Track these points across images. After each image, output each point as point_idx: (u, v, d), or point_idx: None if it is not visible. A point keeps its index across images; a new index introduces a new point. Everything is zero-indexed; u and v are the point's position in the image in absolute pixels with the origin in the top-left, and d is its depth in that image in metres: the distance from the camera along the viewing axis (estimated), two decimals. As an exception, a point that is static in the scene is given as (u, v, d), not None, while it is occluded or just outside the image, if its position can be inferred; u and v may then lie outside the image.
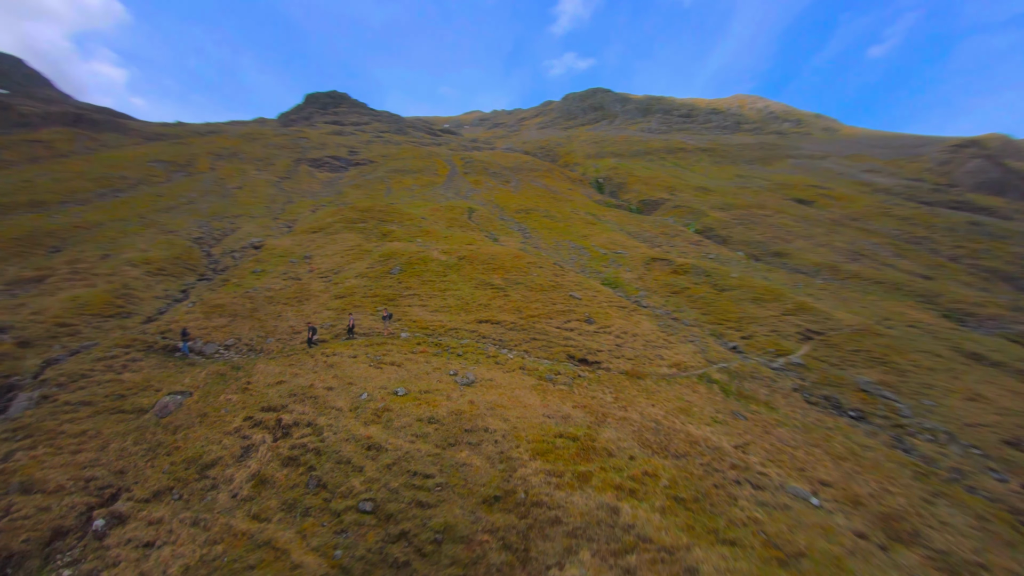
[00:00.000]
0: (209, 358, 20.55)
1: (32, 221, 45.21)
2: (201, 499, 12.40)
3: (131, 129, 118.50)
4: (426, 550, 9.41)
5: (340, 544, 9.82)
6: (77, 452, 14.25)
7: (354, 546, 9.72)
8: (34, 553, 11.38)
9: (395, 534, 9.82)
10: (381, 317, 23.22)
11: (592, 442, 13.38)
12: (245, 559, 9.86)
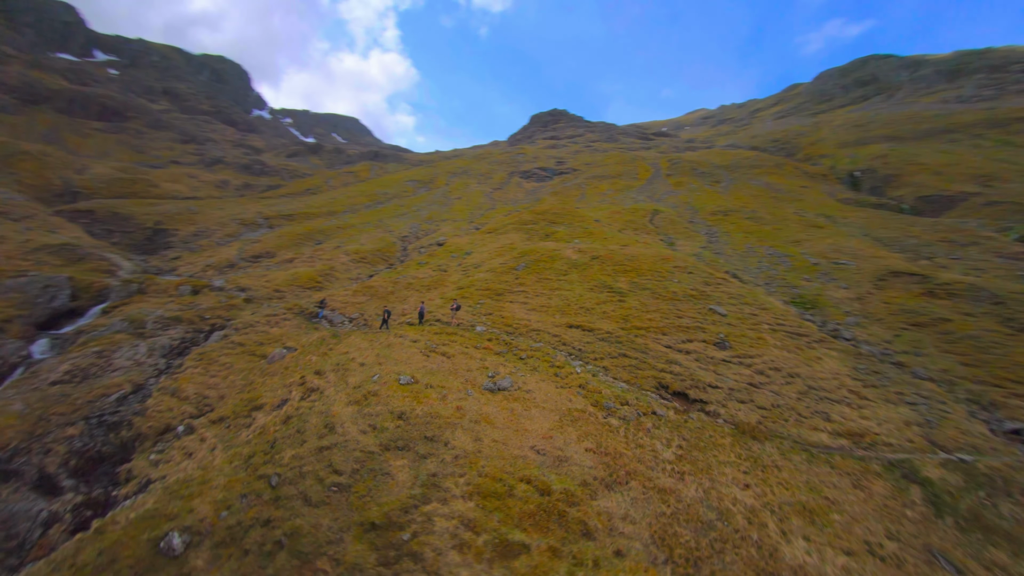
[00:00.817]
0: (333, 325, 24.34)
1: (320, 223, 64.52)
2: (235, 433, 14.36)
3: (406, 159, 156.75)
4: (264, 550, 8.05)
5: (234, 506, 9.47)
6: (212, 376, 18.81)
7: (239, 512, 9.21)
8: (151, 437, 15.35)
9: (263, 519, 8.82)
10: (450, 308, 22.75)
11: (570, 506, 9.17)
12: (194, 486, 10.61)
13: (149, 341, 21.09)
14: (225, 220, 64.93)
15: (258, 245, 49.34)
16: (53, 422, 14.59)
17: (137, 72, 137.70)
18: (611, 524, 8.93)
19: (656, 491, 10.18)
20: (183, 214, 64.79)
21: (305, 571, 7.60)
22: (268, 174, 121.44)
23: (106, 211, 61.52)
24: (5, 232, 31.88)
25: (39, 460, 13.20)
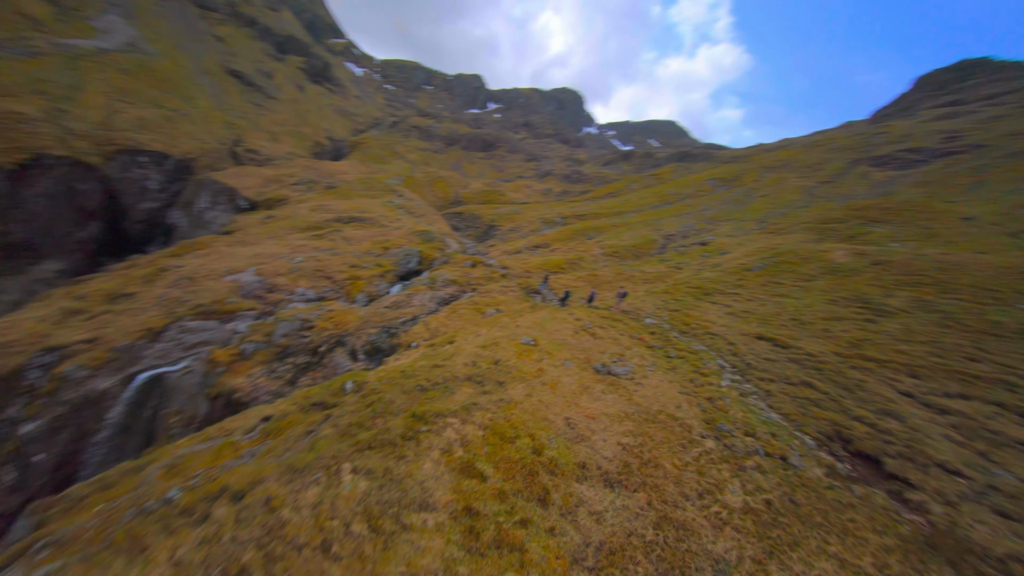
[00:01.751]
0: (543, 300, 28.43)
1: (600, 222, 71.08)
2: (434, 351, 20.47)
3: (715, 157, 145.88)
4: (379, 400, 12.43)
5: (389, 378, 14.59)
6: (449, 320, 26.39)
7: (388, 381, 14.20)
8: (403, 345, 23.76)
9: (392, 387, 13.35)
10: (616, 295, 21.85)
11: (548, 472, 9.23)
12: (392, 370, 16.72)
13: (433, 292, 31.43)
14: (533, 219, 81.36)
15: (542, 237, 60.29)
16: (368, 324, 25.00)
17: (510, 112, 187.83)
18: (573, 508, 8.44)
19: (661, 517, 8.41)
20: (509, 214, 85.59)
21: (376, 420, 11.45)
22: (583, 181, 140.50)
23: (468, 212, 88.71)
24: (406, 223, 53.20)
25: (353, 341, 23.30)
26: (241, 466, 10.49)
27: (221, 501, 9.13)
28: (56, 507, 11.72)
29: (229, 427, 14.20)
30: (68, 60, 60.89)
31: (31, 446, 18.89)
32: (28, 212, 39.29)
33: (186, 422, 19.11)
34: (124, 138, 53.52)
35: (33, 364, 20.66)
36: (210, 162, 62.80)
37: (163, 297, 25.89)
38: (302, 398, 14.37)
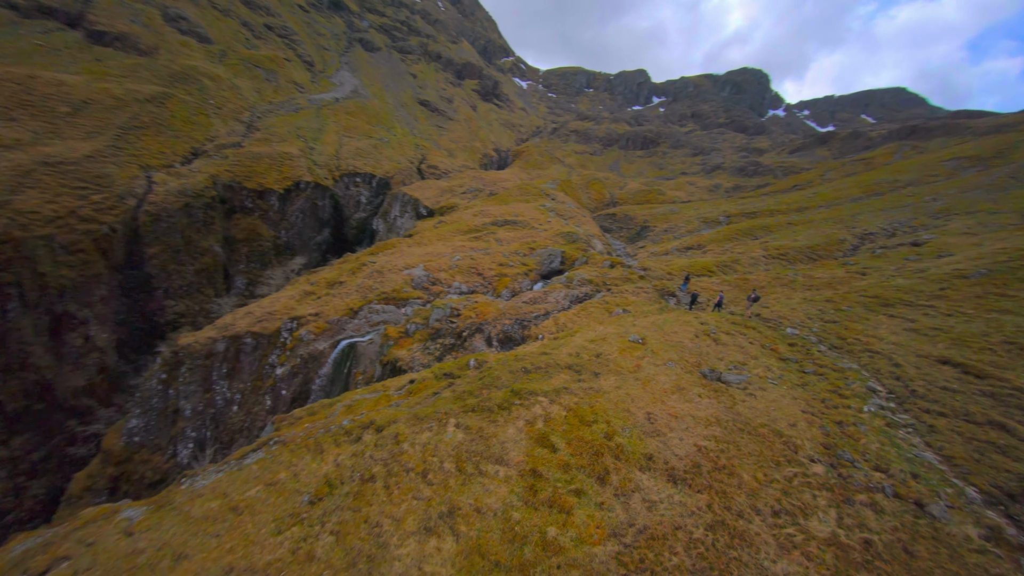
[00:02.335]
0: (679, 303, 27.12)
1: (772, 220, 61.87)
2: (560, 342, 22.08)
3: (965, 129, 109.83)
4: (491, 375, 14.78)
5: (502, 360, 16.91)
6: (577, 316, 27.54)
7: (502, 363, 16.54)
8: (532, 337, 26.02)
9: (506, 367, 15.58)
10: (747, 298, 19.13)
11: (613, 457, 9.83)
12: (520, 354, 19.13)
13: (568, 291, 32.95)
14: (691, 218, 75.53)
15: (697, 238, 55.73)
16: (505, 315, 28.01)
17: (675, 105, 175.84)
18: (628, 492, 8.91)
19: (718, 521, 8.16)
20: (665, 214, 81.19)
21: (483, 391, 13.67)
22: (760, 174, 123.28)
23: (622, 214, 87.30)
24: (555, 225, 55.97)
25: (490, 330, 26.52)
26: (386, 410, 13.93)
27: (369, 431, 12.47)
28: (285, 422, 17.34)
29: (388, 385, 18.43)
30: (316, 110, 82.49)
31: (280, 383, 27.44)
32: (290, 223, 55.22)
33: (367, 380, 25.03)
34: (347, 165, 70.01)
35: (284, 328, 29.85)
36: (402, 178, 76.98)
37: (361, 285, 33.88)
38: (437, 369, 17.66)
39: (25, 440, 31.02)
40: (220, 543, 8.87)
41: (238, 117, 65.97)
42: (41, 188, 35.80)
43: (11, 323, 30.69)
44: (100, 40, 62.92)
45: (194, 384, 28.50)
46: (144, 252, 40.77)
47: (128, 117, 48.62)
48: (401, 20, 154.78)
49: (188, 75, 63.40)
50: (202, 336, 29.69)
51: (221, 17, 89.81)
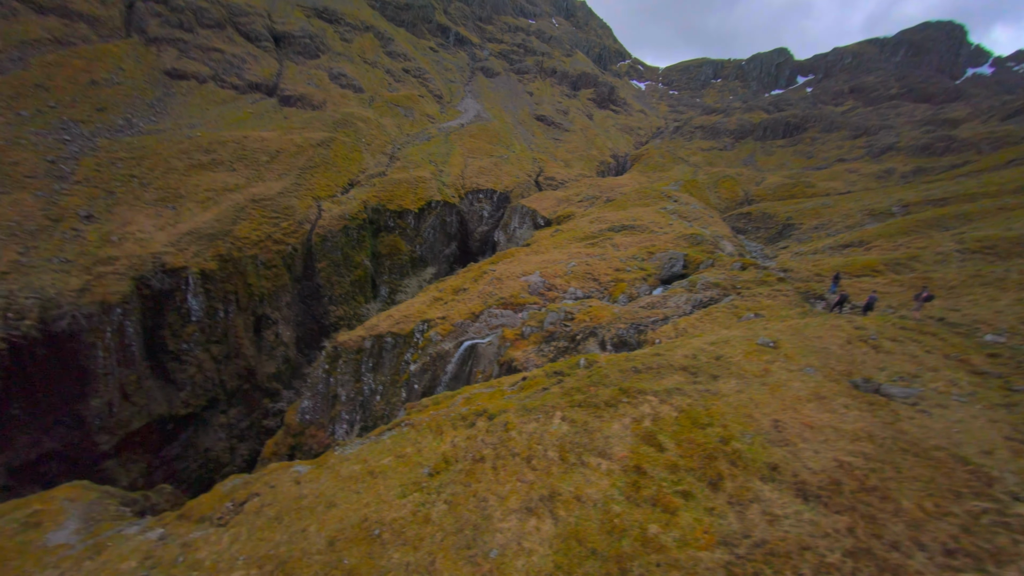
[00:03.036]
0: (827, 307, 23.11)
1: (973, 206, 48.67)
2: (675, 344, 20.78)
3: None
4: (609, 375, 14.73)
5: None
6: (700, 321, 25.38)
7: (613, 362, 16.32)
8: (649, 342, 24.85)
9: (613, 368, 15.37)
10: (914, 298, 14.86)
11: (728, 463, 8.91)
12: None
13: (690, 295, 30.56)
14: (851, 211, 63.84)
15: (859, 234, 46.58)
16: (620, 319, 27.21)
17: (827, 82, 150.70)
18: (745, 502, 7.96)
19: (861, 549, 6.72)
20: (815, 209, 69.97)
21: (591, 388, 13.63)
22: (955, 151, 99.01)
23: (759, 212, 77.91)
24: (676, 228, 52.47)
25: (604, 333, 26.03)
26: (499, 401, 14.78)
27: (482, 418, 13.40)
28: (414, 408, 19.52)
29: (502, 381, 19.46)
30: (444, 137, 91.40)
31: (413, 378, 30.87)
32: (423, 238, 61.94)
33: (486, 378, 26.67)
34: (471, 183, 75.98)
35: (417, 329, 33.60)
36: (521, 192, 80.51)
37: (482, 292, 36.38)
38: (548, 367, 18.07)
39: (237, 411, 40.56)
40: (359, 498, 10.49)
41: (383, 150, 76.92)
42: (250, 220, 46.64)
43: (230, 321, 40.49)
44: (287, 102, 79.74)
45: (348, 375, 33.79)
46: (315, 267, 49.99)
47: (305, 160, 60.49)
48: (518, 43, 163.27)
49: (347, 120, 76.28)
50: (354, 335, 35.12)
51: (370, 69, 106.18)
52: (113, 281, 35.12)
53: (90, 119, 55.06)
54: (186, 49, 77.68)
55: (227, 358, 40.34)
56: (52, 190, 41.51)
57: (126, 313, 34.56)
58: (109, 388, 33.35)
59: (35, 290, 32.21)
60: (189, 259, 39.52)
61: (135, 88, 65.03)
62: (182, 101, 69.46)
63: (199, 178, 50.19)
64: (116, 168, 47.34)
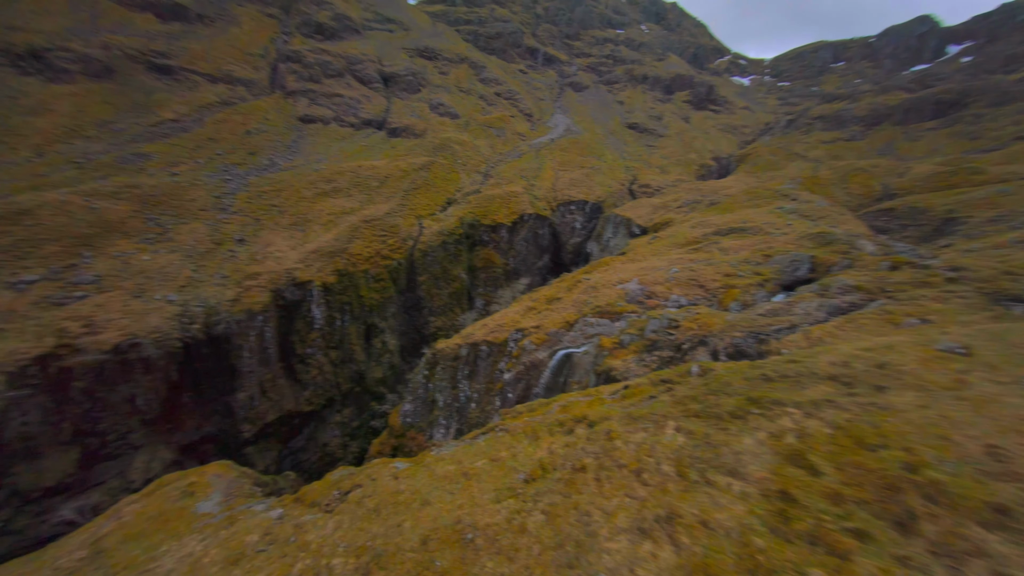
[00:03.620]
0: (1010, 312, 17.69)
1: None
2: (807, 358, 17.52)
3: None
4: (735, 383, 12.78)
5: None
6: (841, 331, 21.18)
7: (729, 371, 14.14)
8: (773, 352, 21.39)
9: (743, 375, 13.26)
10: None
11: (923, 497, 6.63)
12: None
13: (823, 300, 25.92)
14: (1047, 197, 50.37)
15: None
16: (735, 327, 24.02)
17: (993, 47, 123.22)
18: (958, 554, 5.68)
19: None
20: (988, 199, 56.57)
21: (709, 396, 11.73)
22: None
23: (905, 207, 65.45)
24: (796, 228, 45.85)
25: (716, 342, 23.07)
26: (599, 408, 13.49)
27: (581, 425, 12.26)
28: (509, 415, 18.95)
29: (601, 390, 18.04)
30: (535, 153, 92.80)
31: (507, 387, 30.58)
32: (516, 251, 62.76)
33: (581, 388, 25.27)
34: (562, 195, 75.64)
35: (511, 338, 33.46)
36: (613, 201, 78.03)
37: (576, 301, 35.18)
38: (654, 375, 16.27)
39: (350, 412, 44.28)
40: (453, 499, 10.02)
41: (477, 169, 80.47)
42: (363, 238, 51.48)
43: (345, 329, 44.64)
44: (394, 133, 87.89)
45: (445, 381, 34.76)
46: (417, 280, 53.27)
47: (409, 183, 65.57)
48: (606, 55, 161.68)
49: (444, 145, 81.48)
50: (451, 343, 36.19)
51: (465, 96, 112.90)
52: (257, 293, 40.96)
53: (244, 162, 66.29)
54: (315, 97, 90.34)
55: (342, 362, 44.40)
56: (216, 220, 50.31)
57: (265, 320, 39.95)
58: (251, 384, 38.63)
59: (202, 300, 38.85)
60: (314, 274, 44.65)
61: (277, 134, 77.04)
62: (311, 141, 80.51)
63: (323, 204, 57.05)
64: (261, 199, 55.93)
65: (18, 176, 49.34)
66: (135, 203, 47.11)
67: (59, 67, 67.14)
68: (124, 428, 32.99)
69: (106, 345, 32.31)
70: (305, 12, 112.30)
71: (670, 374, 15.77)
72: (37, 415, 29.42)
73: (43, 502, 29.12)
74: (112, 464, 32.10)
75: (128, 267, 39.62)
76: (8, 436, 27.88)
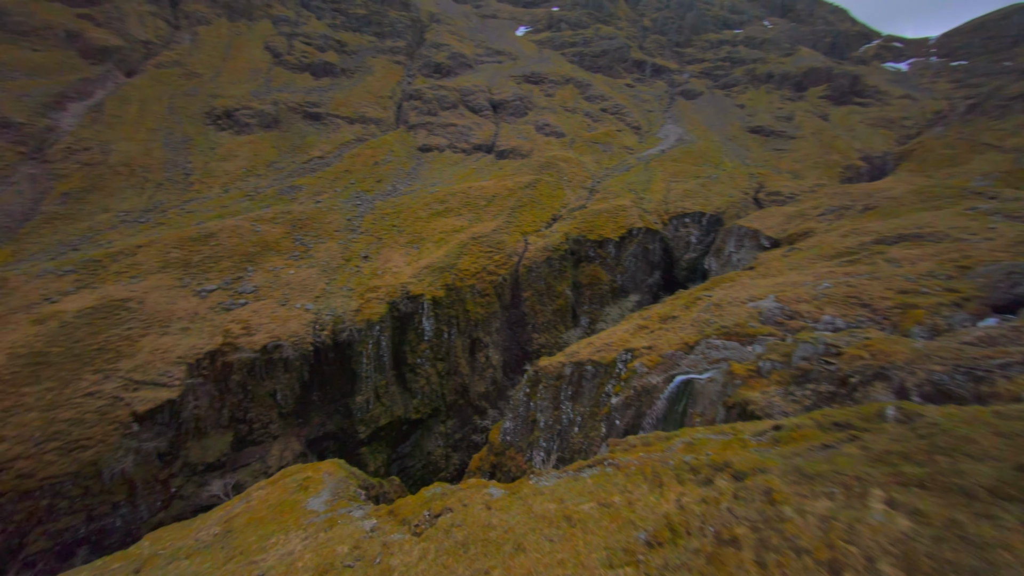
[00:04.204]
0: None
1: None
2: None
3: None
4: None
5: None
6: None
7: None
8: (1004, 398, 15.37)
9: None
10: None
11: None
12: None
13: (1080, 326, 18.23)
14: None
15: None
16: (930, 359, 18.00)
17: None
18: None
19: None
20: None
21: (934, 457, 7.93)
22: None
23: None
24: (1004, 232, 34.77)
25: (904, 377, 17.41)
26: (744, 454, 10.28)
27: (723, 475, 9.30)
28: (619, 447, 16.21)
29: (738, 428, 14.39)
30: (644, 165, 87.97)
31: (614, 412, 27.46)
32: (624, 267, 58.98)
33: (706, 421, 21.22)
34: (675, 207, 69.83)
35: (619, 359, 30.33)
36: (736, 212, 69.62)
37: (696, 320, 30.75)
38: (821, 416, 12.32)
39: (453, 423, 44.76)
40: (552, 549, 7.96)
41: (583, 185, 78.76)
42: (470, 255, 52.91)
43: (452, 342, 45.66)
44: (502, 156, 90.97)
45: (547, 401, 32.80)
46: (521, 295, 52.82)
47: (515, 201, 66.45)
48: (721, 58, 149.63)
49: (550, 163, 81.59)
50: (554, 361, 34.26)
51: (570, 115, 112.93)
52: (376, 304, 44.13)
53: (372, 188, 74.08)
54: (432, 128, 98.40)
55: (448, 374, 45.32)
56: (347, 239, 56.27)
57: (382, 330, 42.66)
58: (368, 389, 41.25)
59: (331, 310, 43.02)
60: (425, 288, 46.82)
61: (399, 163, 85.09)
62: (428, 167, 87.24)
63: (436, 223, 60.45)
64: (384, 221, 61.36)
65: (210, 207, 61.40)
66: (287, 226, 55.01)
67: (243, 122, 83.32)
68: (266, 419, 37.35)
69: (257, 345, 37.22)
70: (426, 55, 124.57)
71: (847, 416, 11.72)
72: (205, 401, 34.73)
73: (205, 475, 33.95)
74: (255, 449, 36.40)
75: (278, 279, 45.87)
76: (184, 416, 33.23)
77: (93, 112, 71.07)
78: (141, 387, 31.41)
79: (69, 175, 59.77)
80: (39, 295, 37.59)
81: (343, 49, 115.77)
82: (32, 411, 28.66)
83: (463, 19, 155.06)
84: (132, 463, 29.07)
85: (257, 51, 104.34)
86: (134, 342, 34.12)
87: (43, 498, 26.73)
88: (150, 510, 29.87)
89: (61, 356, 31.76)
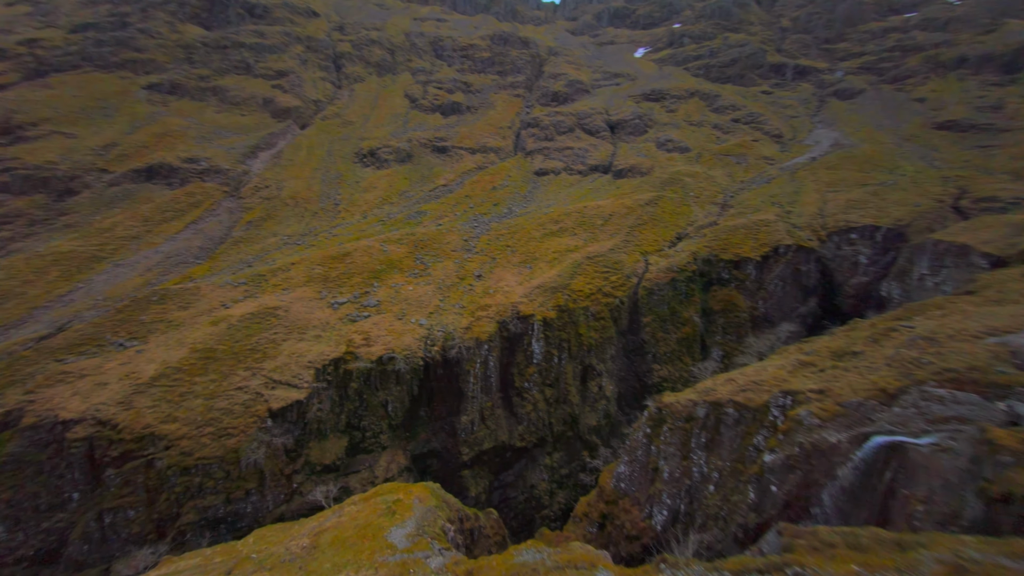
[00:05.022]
0: None
1: None
2: None
3: None
4: None
5: None
6: None
7: None
8: None
9: None
10: None
11: None
12: None
13: None
14: None
15: None
16: None
17: None
18: None
19: None
20: None
21: None
22: None
23: None
24: None
25: None
26: None
27: None
28: (803, 540, 11.01)
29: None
30: (790, 175, 75.64)
31: (769, 475, 20.99)
32: (767, 292, 49.63)
33: (939, 518, 14.21)
34: (835, 221, 57.59)
35: (774, 403, 23.66)
36: (926, 224, 54.63)
37: (894, 357, 22.70)
38: None
39: (560, 457, 40.78)
40: None
41: (713, 200, 70.34)
42: (584, 275, 49.60)
43: (562, 368, 42.30)
44: (620, 175, 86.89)
45: (673, 447, 27.20)
46: (640, 321, 47.42)
47: (634, 219, 61.65)
48: (888, 48, 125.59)
49: (673, 179, 74.96)
50: (683, 397, 28.63)
51: (696, 129, 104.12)
52: (485, 323, 43.27)
53: (489, 211, 76.09)
54: (548, 153, 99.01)
55: (556, 402, 41.88)
56: (463, 258, 57.59)
57: (490, 349, 41.39)
58: (473, 409, 39.91)
59: (442, 326, 43.32)
60: (536, 308, 44.68)
61: (516, 187, 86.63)
62: (543, 190, 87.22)
63: (549, 243, 58.73)
64: (498, 241, 61.74)
65: (350, 231, 68.92)
66: (410, 246, 58.50)
67: (383, 158, 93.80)
68: (378, 428, 38.18)
69: (373, 356, 38.67)
70: (544, 86, 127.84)
71: None
72: (327, 405, 36.79)
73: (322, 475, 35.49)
74: (366, 457, 37.22)
75: (398, 295, 48.19)
76: (309, 417, 35.46)
77: (275, 158, 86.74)
78: (278, 386, 34.35)
79: (253, 207, 72.79)
80: (219, 301, 44.70)
81: (469, 89, 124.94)
82: (199, 398, 33.02)
83: (580, 49, 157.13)
84: (264, 455, 31.40)
85: (398, 99, 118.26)
86: (277, 345, 37.95)
87: (197, 476, 30.06)
88: (275, 501, 31.77)
89: (224, 353, 36.55)
